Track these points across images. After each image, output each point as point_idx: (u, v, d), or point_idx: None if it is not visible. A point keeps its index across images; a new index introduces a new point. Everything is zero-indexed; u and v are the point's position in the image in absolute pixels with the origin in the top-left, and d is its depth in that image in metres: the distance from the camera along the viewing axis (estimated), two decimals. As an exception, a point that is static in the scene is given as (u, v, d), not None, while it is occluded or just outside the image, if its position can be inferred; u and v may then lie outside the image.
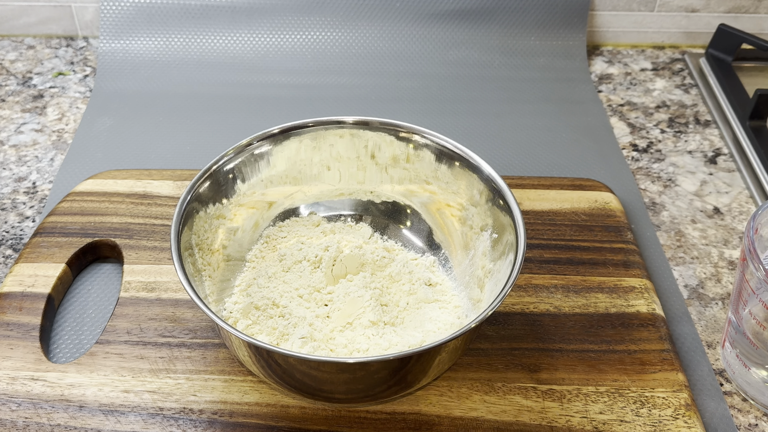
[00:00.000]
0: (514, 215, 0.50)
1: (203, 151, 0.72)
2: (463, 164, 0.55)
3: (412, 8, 0.84)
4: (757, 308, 0.49)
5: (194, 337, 0.53)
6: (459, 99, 0.81)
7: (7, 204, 0.67)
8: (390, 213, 0.59)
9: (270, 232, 0.58)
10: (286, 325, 0.51)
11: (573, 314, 0.56)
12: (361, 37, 0.84)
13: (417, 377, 0.46)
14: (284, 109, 0.78)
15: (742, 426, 0.51)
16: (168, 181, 0.65)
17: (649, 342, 0.54)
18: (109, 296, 0.58)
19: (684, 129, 0.78)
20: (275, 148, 0.56)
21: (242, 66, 0.83)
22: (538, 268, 0.59)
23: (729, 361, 0.53)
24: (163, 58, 0.82)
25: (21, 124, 0.76)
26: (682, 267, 0.63)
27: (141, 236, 0.60)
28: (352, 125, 0.57)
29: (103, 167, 0.69)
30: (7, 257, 0.62)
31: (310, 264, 0.56)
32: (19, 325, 0.54)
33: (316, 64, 0.83)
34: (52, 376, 0.51)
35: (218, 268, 0.54)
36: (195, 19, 0.83)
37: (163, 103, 0.79)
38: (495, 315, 0.55)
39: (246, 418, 0.49)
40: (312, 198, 0.59)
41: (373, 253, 0.57)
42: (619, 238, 0.61)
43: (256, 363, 0.45)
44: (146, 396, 0.50)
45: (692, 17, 0.89)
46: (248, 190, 0.56)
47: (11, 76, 0.83)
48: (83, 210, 0.62)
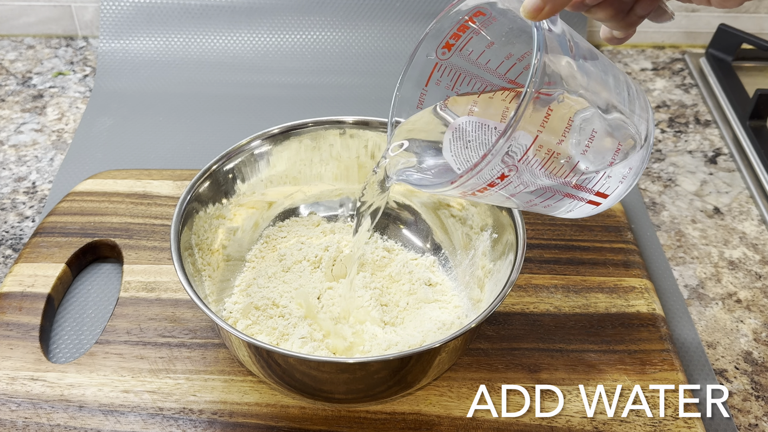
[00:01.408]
0: (514, 215, 0.50)
1: (203, 151, 0.72)
2: (463, 164, 0.54)
3: (412, 8, 0.84)
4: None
5: (194, 337, 0.53)
6: (459, 99, 0.80)
7: (6, 204, 0.67)
8: (390, 213, 0.59)
9: (270, 232, 0.58)
10: (286, 325, 0.51)
11: (573, 314, 0.56)
12: (361, 37, 0.84)
13: (417, 377, 0.46)
14: (284, 109, 0.78)
15: (742, 426, 0.51)
16: (168, 181, 0.65)
17: (649, 342, 0.54)
18: (108, 296, 0.58)
19: (684, 129, 0.78)
20: (275, 148, 0.56)
21: (242, 66, 0.83)
22: (538, 268, 0.59)
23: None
24: (163, 58, 0.82)
25: (21, 124, 0.76)
26: (682, 267, 0.63)
27: (141, 236, 0.60)
28: (352, 125, 0.57)
29: (102, 167, 0.69)
30: (6, 257, 0.62)
31: (310, 264, 0.56)
32: (19, 325, 0.54)
33: (316, 64, 0.83)
34: (52, 376, 0.51)
35: (218, 268, 0.54)
36: (195, 19, 0.83)
37: (163, 103, 0.79)
38: (495, 315, 0.55)
39: (246, 418, 0.49)
40: (312, 198, 0.59)
41: (373, 253, 0.57)
42: (619, 238, 0.61)
43: (256, 363, 0.45)
44: (146, 396, 0.50)
45: (692, 17, 0.88)
46: (248, 190, 0.56)
47: (11, 76, 0.83)
48: (83, 210, 0.62)
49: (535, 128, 0.38)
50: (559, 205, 0.44)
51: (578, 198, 0.44)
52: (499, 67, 0.46)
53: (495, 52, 0.45)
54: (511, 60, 0.46)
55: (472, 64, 0.47)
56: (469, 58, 0.46)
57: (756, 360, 0.55)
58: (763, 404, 0.53)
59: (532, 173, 0.40)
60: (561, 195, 0.43)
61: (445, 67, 0.47)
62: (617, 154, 0.44)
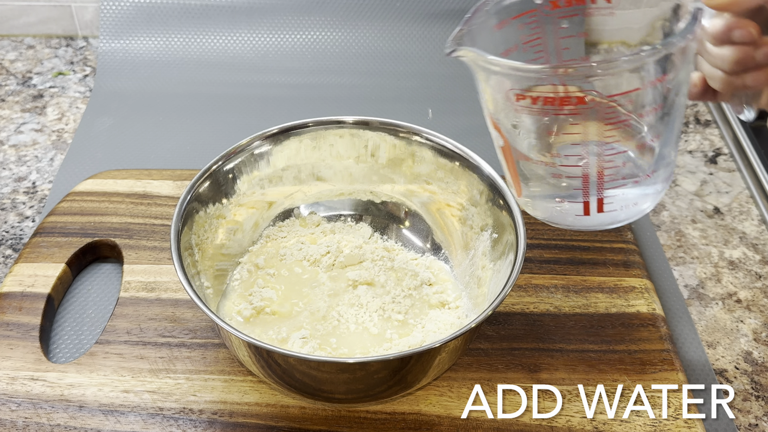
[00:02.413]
0: (514, 215, 0.50)
1: (203, 151, 0.72)
2: (463, 164, 0.54)
3: (412, 8, 0.84)
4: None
5: (194, 337, 0.53)
6: (459, 99, 0.80)
7: (6, 204, 0.67)
8: (390, 213, 0.59)
9: (270, 232, 0.58)
10: (286, 325, 0.51)
11: (573, 314, 0.56)
12: (361, 37, 0.84)
13: (417, 377, 0.46)
14: (284, 109, 0.78)
15: (742, 426, 0.51)
16: (168, 181, 0.65)
17: (649, 342, 0.54)
18: (108, 296, 0.58)
19: (684, 129, 0.78)
20: (275, 148, 0.56)
21: (242, 66, 0.83)
22: (538, 268, 0.59)
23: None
24: (163, 58, 0.82)
25: (21, 124, 0.76)
26: (682, 267, 0.63)
27: (141, 236, 0.60)
28: (352, 125, 0.57)
29: (103, 167, 0.69)
30: (6, 257, 0.62)
31: (310, 264, 0.56)
32: (19, 325, 0.54)
33: (316, 64, 0.83)
34: (52, 376, 0.51)
35: (218, 268, 0.54)
36: (195, 19, 0.83)
37: (163, 103, 0.79)
38: (495, 315, 0.55)
39: (246, 418, 0.49)
40: (312, 198, 0.59)
41: (373, 253, 0.57)
42: (619, 238, 0.61)
43: (256, 363, 0.45)
44: (146, 396, 0.50)
45: (692, 17, 0.88)
46: (248, 190, 0.56)
47: (11, 75, 0.83)
48: (83, 210, 0.62)
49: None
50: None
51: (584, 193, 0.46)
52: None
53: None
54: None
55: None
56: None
57: (756, 360, 0.55)
58: (763, 404, 0.53)
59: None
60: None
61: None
62: (644, 178, 0.47)
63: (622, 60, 0.41)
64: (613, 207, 0.47)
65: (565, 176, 0.48)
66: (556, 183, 0.49)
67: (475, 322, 0.43)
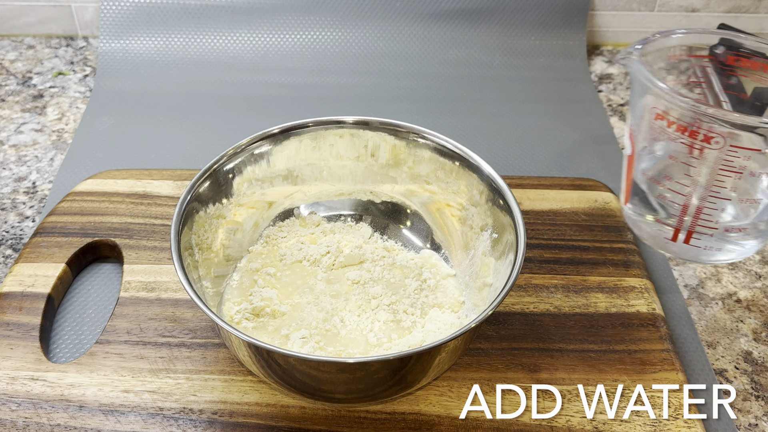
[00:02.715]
0: (514, 215, 0.50)
1: (203, 151, 0.72)
2: (463, 164, 0.54)
3: (412, 8, 0.84)
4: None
5: (194, 337, 0.53)
6: (459, 99, 0.81)
7: (7, 204, 0.67)
8: (390, 213, 0.59)
9: (270, 232, 0.58)
10: (286, 325, 0.51)
11: (573, 314, 0.56)
12: (361, 37, 0.84)
13: (417, 377, 0.46)
14: (284, 109, 0.78)
15: (742, 426, 0.51)
16: (168, 181, 0.65)
17: (649, 342, 0.54)
18: (109, 296, 0.58)
19: (684, 129, 0.78)
20: (275, 148, 0.56)
21: (242, 66, 0.83)
22: (538, 268, 0.59)
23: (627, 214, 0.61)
24: (163, 58, 0.82)
25: (21, 123, 0.76)
26: (682, 267, 0.63)
27: (141, 236, 0.60)
28: (352, 125, 0.57)
29: (103, 167, 0.69)
30: (7, 257, 0.62)
31: (310, 264, 0.56)
32: (19, 325, 0.54)
33: (316, 64, 0.83)
34: (52, 376, 0.51)
35: (218, 268, 0.54)
36: (195, 19, 0.83)
37: (163, 103, 0.79)
38: (495, 315, 0.55)
39: (246, 418, 0.49)
40: (312, 198, 0.59)
41: (373, 253, 0.57)
42: (619, 238, 0.61)
43: (256, 363, 0.45)
44: (146, 396, 0.50)
45: (692, 17, 0.88)
46: (248, 190, 0.56)
47: (11, 75, 0.83)
48: (83, 210, 0.62)
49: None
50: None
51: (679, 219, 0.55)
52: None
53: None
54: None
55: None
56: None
57: (756, 360, 0.55)
58: (763, 404, 0.53)
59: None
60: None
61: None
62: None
63: (760, 122, 0.48)
64: (699, 244, 0.55)
65: (669, 200, 0.56)
66: (659, 203, 0.56)
67: (475, 322, 0.43)
